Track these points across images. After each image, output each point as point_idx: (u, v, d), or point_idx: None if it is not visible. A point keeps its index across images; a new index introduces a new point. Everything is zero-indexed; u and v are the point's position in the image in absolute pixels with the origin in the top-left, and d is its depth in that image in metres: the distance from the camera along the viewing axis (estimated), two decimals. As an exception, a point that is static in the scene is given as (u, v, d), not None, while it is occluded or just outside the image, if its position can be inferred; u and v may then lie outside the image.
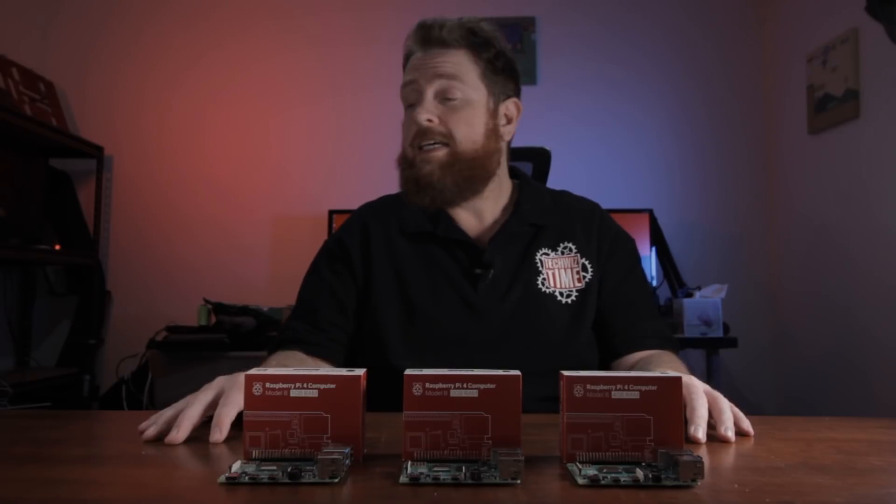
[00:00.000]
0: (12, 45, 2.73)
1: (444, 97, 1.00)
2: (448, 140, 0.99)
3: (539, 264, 1.03)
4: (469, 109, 1.00)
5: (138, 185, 2.97)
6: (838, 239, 2.39)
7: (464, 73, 1.00)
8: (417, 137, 1.00)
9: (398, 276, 1.04)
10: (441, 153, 0.99)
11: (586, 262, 1.04)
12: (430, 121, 0.99)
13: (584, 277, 1.03)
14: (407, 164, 1.02)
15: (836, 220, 2.40)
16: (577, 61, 2.95)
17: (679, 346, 1.05)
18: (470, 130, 1.00)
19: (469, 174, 1.01)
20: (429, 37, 1.01)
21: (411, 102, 1.02)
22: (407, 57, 1.06)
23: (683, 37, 2.94)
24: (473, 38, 1.01)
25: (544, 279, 1.02)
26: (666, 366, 0.89)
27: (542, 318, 1.00)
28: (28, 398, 2.32)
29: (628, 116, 2.92)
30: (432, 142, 0.99)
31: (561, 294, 1.02)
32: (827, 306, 2.46)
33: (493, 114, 1.04)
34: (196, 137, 2.98)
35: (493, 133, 1.03)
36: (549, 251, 1.04)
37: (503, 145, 1.07)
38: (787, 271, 2.76)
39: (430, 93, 1.00)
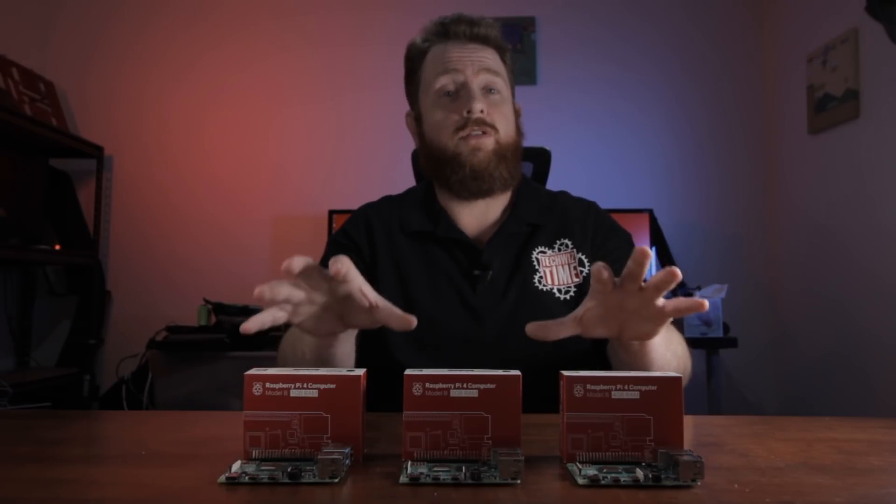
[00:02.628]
0: (12, 45, 2.73)
1: (487, 90, 1.02)
2: (493, 132, 1.01)
3: (535, 263, 1.03)
4: (506, 105, 1.04)
5: (138, 185, 2.97)
6: (838, 239, 2.39)
7: (500, 70, 1.04)
8: (464, 128, 1.00)
9: (400, 275, 1.04)
10: (489, 140, 1.00)
11: (583, 257, 1.04)
12: (482, 111, 0.99)
13: (582, 272, 1.03)
14: (450, 155, 1.01)
15: (836, 220, 2.40)
16: (577, 61, 2.95)
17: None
18: (508, 125, 1.03)
19: (513, 166, 1.04)
20: (472, 32, 1.03)
21: (450, 91, 1.02)
22: (423, 50, 1.06)
23: (683, 37, 2.94)
24: (502, 41, 1.06)
25: (541, 277, 1.02)
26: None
27: (540, 317, 0.99)
28: (28, 398, 2.32)
29: (628, 116, 2.92)
30: (479, 132, 1.00)
31: (559, 291, 1.02)
32: (827, 306, 2.46)
33: (515, 112, 1.08)
34: (196, 137, 2.98)
35: (518, 131, 1.07)
36: (546, 249, 1.04)
37: None
38: (787, 271, 2.76)
39: (476, 84, 1.00)
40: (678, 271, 0.61)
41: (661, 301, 0.64)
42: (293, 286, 0.67)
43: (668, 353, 0.80)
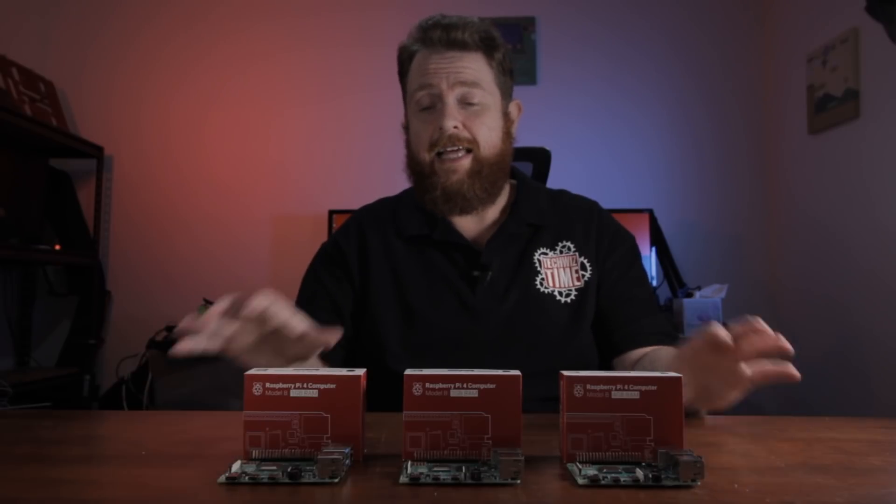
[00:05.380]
0: (12, 45, 2.73)
1: (465, 102, 0.98)
2: (472, 146, 0.98)
3: (537, 264, 1.02)
4: (488, 114, 1.00)
5: (138, 185, 2.97)
6: (838, 239, 2.39)
7: (482, 78, 0.99)
8: (438, 143, 0.98)
9: (396, 279, 1.03)
10: (466, 161, 0.98)
11: (585, 261, 1.03)
12: (455, 127, 0.97)
13: (583, 276, 1.03)
14: (426, 172, 1.00)
15: (837, 220, 2.40)
16: (577, 61, 2.94)
17: (679, 341, 1.04)
18: (491, 135, 1.00)
19: (493, 179, 1.01)
20: (448, 38, 0.98)
21: (426, 106, 1.00)
22: (411, 53, 1.03)
23: (683, 37, 2.94)
24: (488, 41, 1.01)
25: (543, 279, 1.01)
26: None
27: (542, 319, 0.99)
28: (28, 398, 2.32)
29: (628, 116, 2.92)
30: (456, 148, 0.98)
31: (560, 294, 1.01)
32: (827, 306, 2.46)
33: (506, 116, 1.04)
34: (196, 137, 2.98)
35: (508, 135, 1.04)
36: (548, 251, 1.03)
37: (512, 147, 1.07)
38: (787, 271, 2.75)
39: (451, 98, 0.98)
40: (787, 347, 0.63)
41: (746, 367, 0.64)
42: (222, 322, 0.69)
43: None
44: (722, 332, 0.62)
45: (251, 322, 0.71)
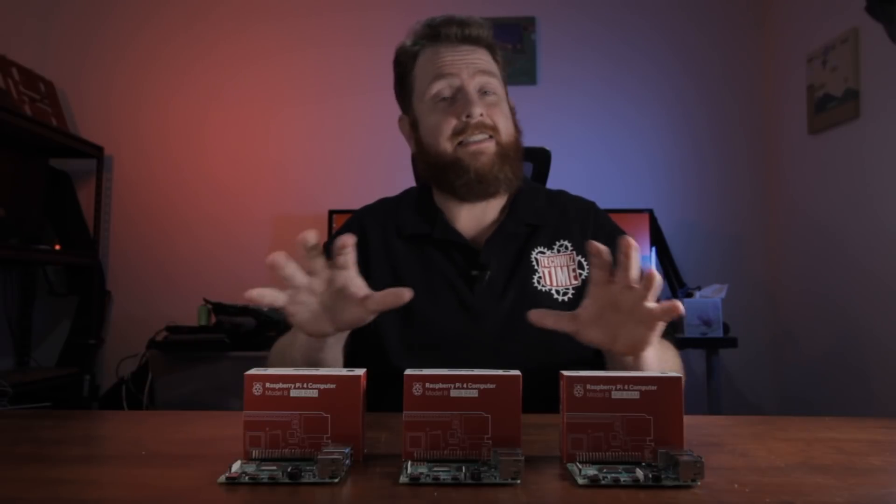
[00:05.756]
0: (12, 45, 2.73)
1: (482, 92, 1.02)
2: (493, 133, 1.01)
3: (534, 263, 1.03)
4: (503, 104, 1.04)
5: (138, 185, 2.97)
6: (838, 239, 2.39)
7: (494, 69, 1.05)
8: (464, 132, 1.00)
9: (396, 278, 1.04)
10: (491, 145, 1.01)
11: (582, 260, 1.04)
12: (481, 114, 1.00)
13: (581, 275, 1.03)
14: (449, 161, 1.01)
15: (837, 220, 2.40)
16: (577, 61, 2.95)
17: (674, 333, 1.05)
18: (507, 124, 1.04)
19: (515, 165, 1.04)
20: (464, 34, 1.03)
21: (446, 96, 1.02)
22: (414, 53, 1.05)
23: (683, 37, 2.94)
24: (492, 40, 1.06)
25: (540, 277, 1.02)
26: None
27: None
28: (28, 398, 2.32)
29: (628, 116, 2.92)
30: (481, 135, 1.00)
31: (557, 292, 1.02)
32: (827, 306, 2.46)
33: (511, 110, 1.08)
34: (196, 137, 2.98)
35: (516, 128, 1.08)
36: (545, 250, 1.04)
37: None
38: (787, 271, 2.76)
39: (472, 87, 1.01)
40: (656, 276, 0.66)
41: (651, 304, 0.66)
42: (298, 268, 0.72)
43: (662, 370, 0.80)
44: (596, 243, 0.70)
45: (323, 276, 0.73)
